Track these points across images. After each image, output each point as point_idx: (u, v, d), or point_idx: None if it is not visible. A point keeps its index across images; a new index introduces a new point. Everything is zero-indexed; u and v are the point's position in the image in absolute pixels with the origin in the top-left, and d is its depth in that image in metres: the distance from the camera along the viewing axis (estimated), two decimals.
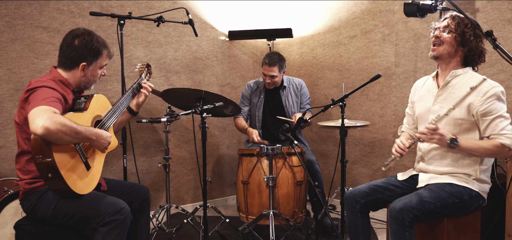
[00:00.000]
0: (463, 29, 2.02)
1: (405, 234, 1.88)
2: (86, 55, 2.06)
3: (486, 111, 1.94)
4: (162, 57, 3.65)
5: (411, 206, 1.89)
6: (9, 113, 2.93)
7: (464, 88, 2.01)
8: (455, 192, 1.99)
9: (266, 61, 3.36)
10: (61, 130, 1.74)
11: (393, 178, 2.27)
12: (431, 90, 2.17)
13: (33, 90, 1.89)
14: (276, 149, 2.83)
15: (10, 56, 2.93)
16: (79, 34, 2.06)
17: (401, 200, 1.94)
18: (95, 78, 2.15)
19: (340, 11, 3.88)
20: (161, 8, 3.54)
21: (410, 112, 2.36)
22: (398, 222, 1.88)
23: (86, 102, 2.05)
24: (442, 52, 2.07)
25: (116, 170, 3.43)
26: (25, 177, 1.97)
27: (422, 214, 1.90)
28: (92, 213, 1.91)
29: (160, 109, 3.66)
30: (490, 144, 1.93)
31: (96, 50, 2.08)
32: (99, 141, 1.96)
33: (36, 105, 1.77)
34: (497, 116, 1.93)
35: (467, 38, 2.02)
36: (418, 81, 2.35)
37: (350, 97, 3.74)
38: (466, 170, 2.04)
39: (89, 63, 2.07)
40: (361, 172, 3.78)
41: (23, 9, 2.96)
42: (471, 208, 2.04)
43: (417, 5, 2.20)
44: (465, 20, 2.03)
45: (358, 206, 2.17)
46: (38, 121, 1.69)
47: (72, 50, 2.04)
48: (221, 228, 3.19)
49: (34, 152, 1.77)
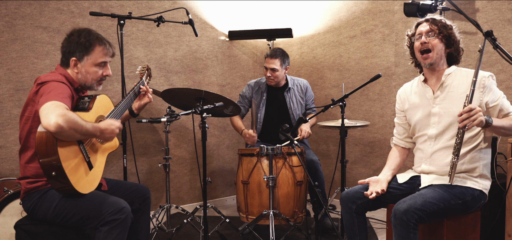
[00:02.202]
0: (449, 31, 2.07)
1: (410, 235, 1.88)
2: (75, 49, 2.03)
3: (492, 98, 2.00)
4: (162, 57, 3.65)
5: (416, 208, 1.88)
6: (9, 113, 2.93)
7: (462, 85, 2.05)
8: (458, 193, 1.99)
9: (268, 53, 3.37)
10: (73, 127, 1.75)
11: (392, 179, 2.25)
12: (425, 95, 2.18)
13: (44, 83, 1.89)
14: (276, 149, 2.83)
15: (10, 56, 2.93)
16: (74, 30, 2.07)
17: (405, 201, 1.92)
18: (93, 75, 2.08)
19: (340, 11, 3.88)
20: (161, 8, 3.54)
21: (400, 122, 2.35)
22: (403, 224, 1.87)
23: (90, 102, 2.05)
24: (435, 58, 2.09)
25: (116, 170, 3.43)
26: (27, 175, 1.97)
27: (426, 216, 1.90)
28: (93, 213, 1.91)
29: (160, 109, 3.66)
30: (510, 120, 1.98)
31: (83, 44, 2.03)
32: (103, 135, 1.95)
33: (49, 99, 1.76)
34: (501, 97, 2.02)
35: (453, 39, 2.08)
36: (401, 90, 2.34)
37: (350, 97, 3.74)
38: (469, 166, 2.05)
39: (79, 58, 2.04)
40: (361, 172, 3.78)
41: (23, 9, 2.96)
42: (473, 208, 2.04)
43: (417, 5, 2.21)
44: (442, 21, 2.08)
45: (354, 206, 2.16)
46: (51, 117, 1.69)
47: (64, 45, 2.06)
48: (221, 228, 3.19)
49: (39, 150, 1.78)
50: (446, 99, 2.09)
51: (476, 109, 1.83)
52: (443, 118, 2.09)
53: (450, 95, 2.07)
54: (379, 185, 2.18)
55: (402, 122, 2.34)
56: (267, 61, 3.37)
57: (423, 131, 2.19)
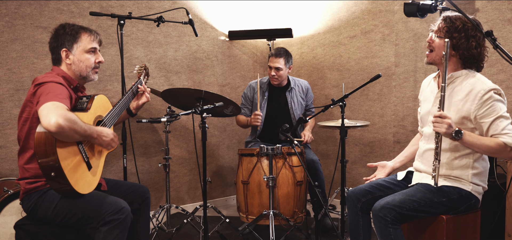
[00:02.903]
0: (452, 34, 1.98)
1: (389, 230, 1.92)
2: (63, 40, 2.05)
3: (485, 113, 1.92)
4: (162, 57, 3.65)
5: (393, 204, 1.93)
6: (9, 113, 2.93)
7: (462, 92, 2.00)
8: (443, 192, 1.99)
9: (273, 52, 3.38)
10: (72, 128, 1.75)
11: (394, 176, 2.28)
12: (433, 92, 2.16)
13: (42, 84, 1.89)
14: (276, 149, 2.83)
15: (10, 56, 2.93)
16: (56, 27, 2.09)
17: (385, 198, 1.99)
18: (87, 63, 2.09)
19: (340, 11, 3.88)
20: (161, 8, 3.54)
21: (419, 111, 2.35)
22: (380, 220, 1.93)
23: (88, 102, 2.05)
24: (434, 58, 2.06)
25: (116, 170, 3.43)
26: (26, 176, 1.97)
27: (406, 212, 1.94)
28: (93, 213, 1.91)
29: (160, 109, 3.66)
30: (492, 142, 1.90)
31: (69, 33, 2.06)
32: (100, 139, 1.96)
33: (48, 99, 1.77)
34: (498, 117, 1.90)
35: (455, 43, 1.98)
36: (425, 79, 2.33)
37: (350, 97, 3.74)
38: (458, 172, 2.04)
39: (69, 48, 2.06)
40: (361, 172, 3.78)
41: (23, 9, 2.96)
42: (461, 207, 2.02)
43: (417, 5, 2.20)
44: (456, 23, 1.98)
45: (359, 205, 2.18)
46: (52, 117, 1.69)
47: (51, 42, 2.08)
48: (221, 228, 3.19)
49: (37, 151, 1.77)
50: (445, 102, 2.08)
51: (446, 119, 1.83)
52: None
53: (449, 99, 2.04)
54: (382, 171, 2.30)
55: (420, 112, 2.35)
56: (271, 60, 3.37)
57: (423, 127, 2.22)
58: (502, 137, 1.89)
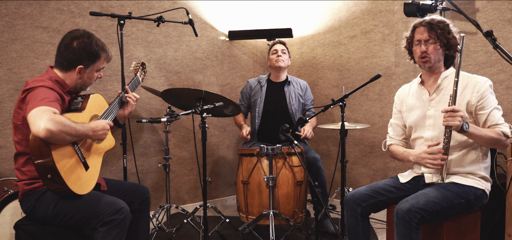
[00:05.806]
0: (447, 36, 2.07)
1: (412, 235, 1.87)
2: (84, 58, 2.03)
3: (483, 105, 2.01)
4: (162, 57, 3.65)
5: (418, 207, 1.88)
6: (9, 113, 2.93)
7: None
8: (461, 193, 1.99)
9: (274, 41, 3.58)
10: (63, 130, 1.74)
11: (394, 180, 2.25)
12: (422, 96, 2.19)
13: (30, 90, 1.88)
14: (276, 149, 2.83)
15: (10, 56, 2.93)
16: (78, 36, 2.03)
17: (408, 200, 1.92)
18: (91, 80, 2.13)
19: (340, 11, 3.88)
20: (161, 8, 3.54)
21: (398, 122, 2.35)
22: (405, 223, 1.87)
23: (83, 101, 2.04)
24: (434, 61, 2.12)
25: (116, 170, 3.43)
26: (23, 178, 1.97)
27: (429, 215, 1.89)
28: (92, 213, 1.91)
29: (160, 109, 3.66)
30: (493, 132, 1.97)
31: (94, 53, 2.05)
32: (96, 134, 1.95)
33: (36, 105, 1.76)
34: (493, 108, 2.01)
35: (451, 43, 2.08)
36: (400, 90, 2.38)
37: (350, 97, 3.74)
38: (470, 168, 2.06)
39: (86, 66, 2.05)
40: (361, 172, 3.78)
41: (23, 9, 2.96)
42: (475, 207, 2.05)
43: (417, 5, 2.21)
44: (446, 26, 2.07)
45: (359, 209, 2.15)
46: (40, 123, 1.68)
47: (70, 51, 2.02)
48: (221, 228, 3.19)
49: (33, 153, 1.77)
50: (441, 102, 2.11)
51: (459, 112, 1.89)
52: (438, 120, 2.09)
53: (445, 98, 2.09)
54: None
55: (400, 123, 2.34)
56: (274, 45, 3.51)
57: (419, 133, 2.20)
58: (500, 127, 1.99)
